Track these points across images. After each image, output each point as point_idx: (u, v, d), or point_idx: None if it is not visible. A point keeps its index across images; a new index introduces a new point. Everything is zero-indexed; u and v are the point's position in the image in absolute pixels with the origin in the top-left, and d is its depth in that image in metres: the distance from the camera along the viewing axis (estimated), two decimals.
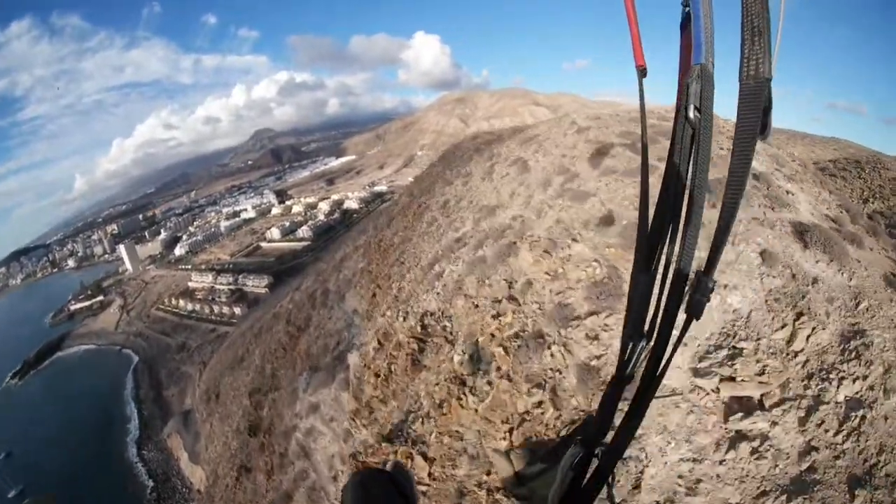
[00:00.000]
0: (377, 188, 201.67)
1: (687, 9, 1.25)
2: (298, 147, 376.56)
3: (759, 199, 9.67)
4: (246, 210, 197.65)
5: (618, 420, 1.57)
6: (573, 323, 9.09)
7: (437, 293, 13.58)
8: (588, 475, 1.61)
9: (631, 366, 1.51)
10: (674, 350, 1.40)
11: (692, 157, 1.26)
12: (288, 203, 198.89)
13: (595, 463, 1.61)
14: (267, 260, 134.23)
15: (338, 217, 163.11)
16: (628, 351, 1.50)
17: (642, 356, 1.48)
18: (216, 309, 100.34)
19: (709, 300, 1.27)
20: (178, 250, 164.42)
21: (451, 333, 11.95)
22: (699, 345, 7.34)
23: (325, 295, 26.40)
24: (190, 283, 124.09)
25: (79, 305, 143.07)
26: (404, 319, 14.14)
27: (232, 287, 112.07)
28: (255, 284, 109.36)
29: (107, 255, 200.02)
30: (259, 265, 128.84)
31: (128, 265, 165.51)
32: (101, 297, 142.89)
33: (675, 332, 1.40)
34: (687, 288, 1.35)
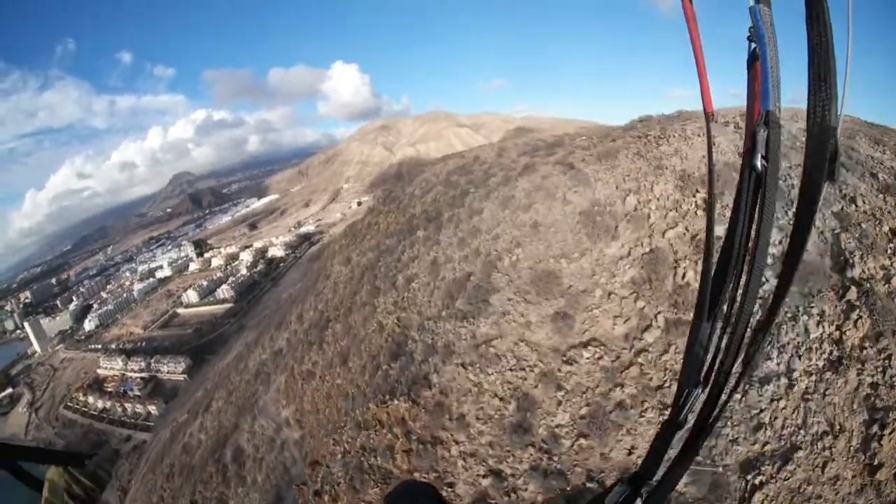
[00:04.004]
0: (304, 229, 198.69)
1: (753, 45, 1.23)
2: (219, 189, 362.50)
3: None
4: (161, 267, 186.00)
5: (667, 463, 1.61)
6: None
7: None
8: None
9: (685, 411, 1.53)
10: (728, 399, 1.42)
11: (758, 207, 1.23)
12: (207, 255, 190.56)
13: (640, 503, 1.62)
14: (184, 332, 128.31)
15: (262, 269, 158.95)
16: (683, 396, 1.52)
17: (697, 402, 1.51)
18: (129, 408, 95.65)
19: (765, 354, 1.56)
20: (88, 324, 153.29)
21: None
22: None
23: (238, 462, 22.70)
24: (99, 370, 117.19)
25: None
26: None
27: (145, 374, 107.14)
28: (171, 370, 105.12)
29: (18, 331, 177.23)
30: (175, 340, 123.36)
31: (35, 346, 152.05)
32: (10, 390, 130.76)
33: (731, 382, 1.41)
34: (745, 339, 1.35)
